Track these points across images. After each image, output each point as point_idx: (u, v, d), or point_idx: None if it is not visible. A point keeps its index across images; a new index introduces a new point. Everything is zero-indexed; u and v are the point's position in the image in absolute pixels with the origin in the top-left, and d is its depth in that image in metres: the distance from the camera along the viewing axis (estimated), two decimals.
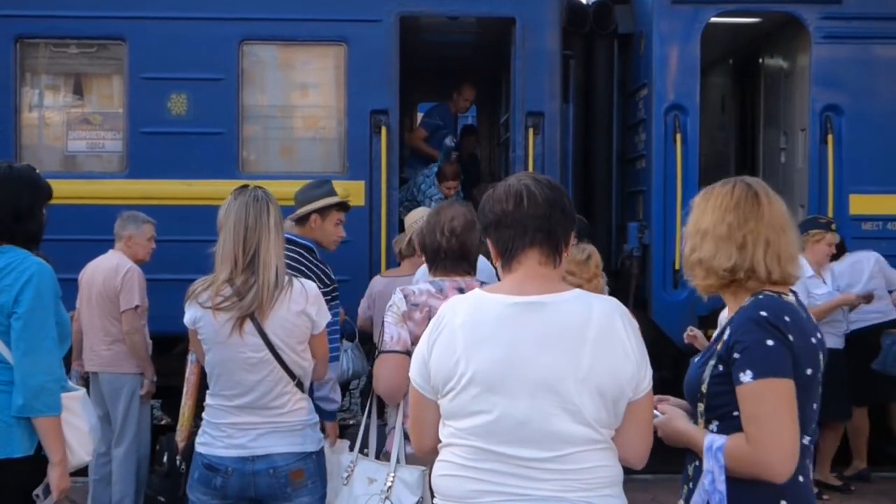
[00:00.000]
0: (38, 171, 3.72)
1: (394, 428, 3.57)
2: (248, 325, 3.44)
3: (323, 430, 3.88)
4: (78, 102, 7.58)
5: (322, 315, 3.58)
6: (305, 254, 4.74)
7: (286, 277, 3.52)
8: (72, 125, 7.46)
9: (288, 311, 3.48)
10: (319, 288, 4.60)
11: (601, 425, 2.39)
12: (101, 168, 7.45)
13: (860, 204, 7.60)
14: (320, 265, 4.77)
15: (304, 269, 4.67)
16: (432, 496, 2.61)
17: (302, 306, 3.50)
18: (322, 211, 4.86)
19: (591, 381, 2.36)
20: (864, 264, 7.23)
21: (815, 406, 2.56)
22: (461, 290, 3.54)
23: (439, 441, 2.52)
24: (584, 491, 2.38)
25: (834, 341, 6.71)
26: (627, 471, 2.55)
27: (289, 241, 4.82)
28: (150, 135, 7.28)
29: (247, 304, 3.41)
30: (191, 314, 3.52)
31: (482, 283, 3.62)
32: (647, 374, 2.44)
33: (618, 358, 2.38)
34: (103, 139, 7.44)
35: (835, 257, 7.19)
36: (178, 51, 7.27)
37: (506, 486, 2.38)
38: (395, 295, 3.53)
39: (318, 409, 3.87)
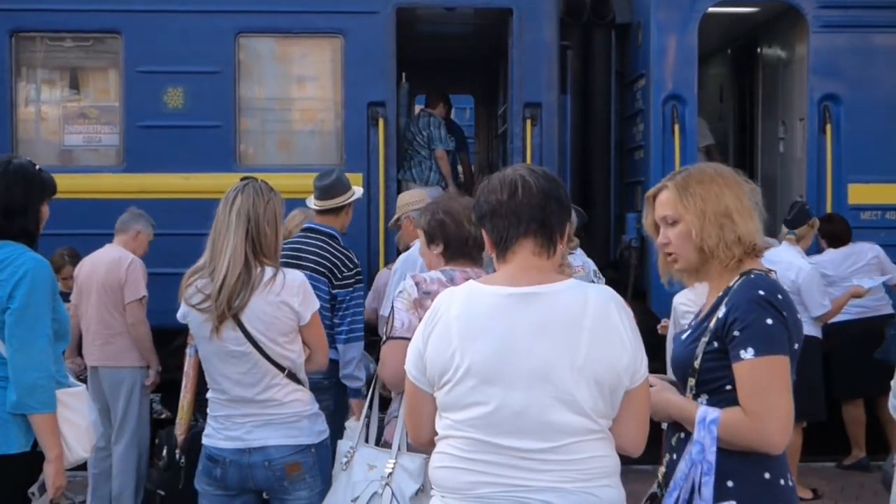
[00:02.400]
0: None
1: (395, 418, 3.55)
2: (228, 320, 3.41)
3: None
4: (74, 96, 7.58)
5: (307, 305, 3.51)
6: (329, 241, 4.99)
7: (267, 270, 3.45)
8: (68, 119, 7.46)
9: (266, 303, 3.43)
10: (342, 272, 4.76)
11: (598, 415, 2.39)
12: (97, 162, 7.45)
13: (859, 193, 7.59)
14: (343, 251, 5.00)
15: (328, 255, 4.91)
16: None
17: (282, 297, 3.44)
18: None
19: (588, 370, 2.36)
20: (860, 257, 7.21)
21: (794, 378, 2.63)
22: None
23: (436, 433, 2.51)
24: (582, 481, 2.38)
25: (816, 329, 6.63)
26: (628, 461, 2.55)
27: (312, 230, 4.98)
28: (146, 128, 7.27)
29: (218, 305, 3.39)
30: (181, 309, 3.53)
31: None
32: (643, 362, 2.45)
33: (614, 347, 2.38)
34: (100, 133, 7.44)
35: (838, 245, 7.17)
36: (174, 44, 7.26)
37: (503, 478, 2.37)
38: (405, 281, 3.48)
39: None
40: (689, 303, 5.04)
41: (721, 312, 2.59)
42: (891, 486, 4.07)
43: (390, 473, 3.26)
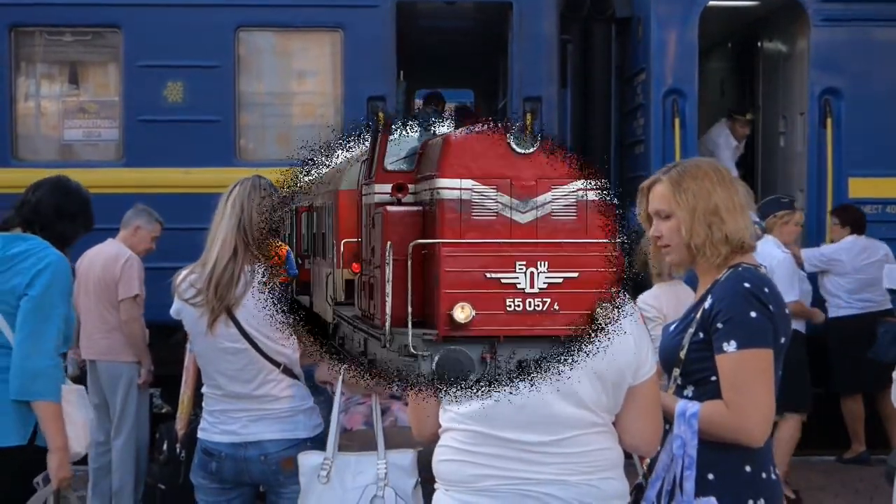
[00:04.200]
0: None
1: (359, 404, 3.53)
2: (223, 316, 3.40)
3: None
4: (73, 91, 7.57)
5: None
6: None
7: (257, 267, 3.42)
8: (68, 114, 7.45)
9: (261, 300, 3.41)
10: None
11: (601, 409, 2.39)
12: (97, 156, 7.44)
13: (859, 187, 7.59)
14: None
15: None
16: (426, 480, 2.59)
17: None
18: None
19: (590, 365, 2.34)
20: (873, 252, 7.21)
21: (779, 373, 2.64)
22: None
23: (439, 426, 2.51)
24: (585, 474, 2.38)
25: (799, 324, 6.62)
26: (629, 454, 2.55)
27: None
28: (146, 123, 7.27)
29: (209, 296, 3.37)
30: (175, 305, 3.51)
31: None
32: (649, 359, 2.44)
33: (617, 343, 2.37)
34: (99, 127, 7.44)
35: (862, 232, 7.17)
36: (173, 38, 7.25)
37: (507, 471, 2.38)
38: None
39: None
40: (648, 308, 4.98)
41: (707, 303, 2.60)
42: (894, 481, 4.07)
43: (386, 474, 3.23)
